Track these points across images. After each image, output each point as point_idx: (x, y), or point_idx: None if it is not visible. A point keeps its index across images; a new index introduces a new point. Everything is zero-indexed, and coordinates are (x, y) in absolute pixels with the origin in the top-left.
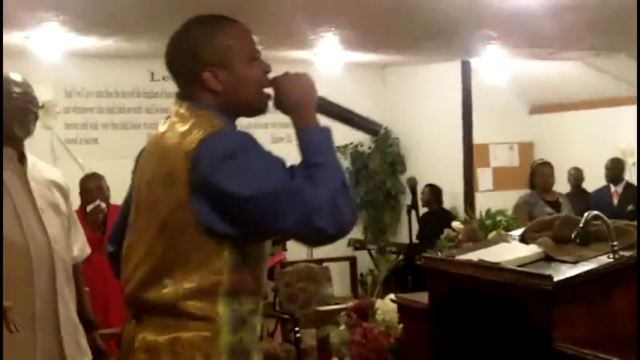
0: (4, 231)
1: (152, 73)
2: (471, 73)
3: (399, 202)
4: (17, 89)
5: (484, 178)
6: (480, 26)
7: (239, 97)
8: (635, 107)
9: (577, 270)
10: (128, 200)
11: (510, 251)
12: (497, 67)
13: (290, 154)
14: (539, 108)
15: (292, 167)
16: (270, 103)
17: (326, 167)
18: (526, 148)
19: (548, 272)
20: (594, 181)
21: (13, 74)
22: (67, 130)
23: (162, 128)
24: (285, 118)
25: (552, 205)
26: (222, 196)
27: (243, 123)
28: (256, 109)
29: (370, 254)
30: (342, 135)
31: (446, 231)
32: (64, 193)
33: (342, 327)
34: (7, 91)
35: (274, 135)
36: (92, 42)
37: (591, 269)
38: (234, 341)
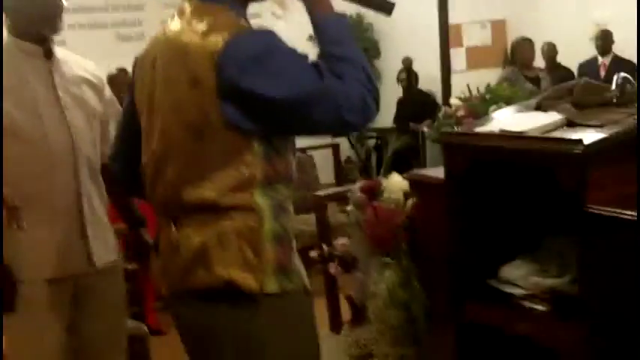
0: (23, 125)
1: None
2: None
3: None
4: None
5: (457, 58)
6: None
7: None
8: None
9: (605, 133)
10: (129, 109)
11: (532, 120)
12: None
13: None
14: None
15: (316, 63)
16: None
17: (349, 60)
18: (499, 27)
19: (576, 137)
20: (569, 55)
21: None
22: None
23: (172, 26)
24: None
25: (532, 81)
26: (252, 99)
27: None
28: None
29: (349, 140)
30: None
31: (444, 108)
32: (97, 89)
33: (350, 207)
34: None
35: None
36: None
37: (620, 131)
38: (277, 227)
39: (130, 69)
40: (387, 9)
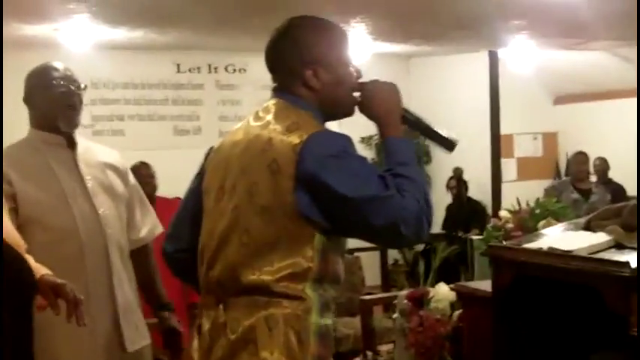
0: (52, 213)
1: (178, 65)
2: (498, 63)
3: None
4: (56, 74)
5: (508, 168)
6: (509, 16)
7: (334, 98)
8: None
9: None
10: (195, 194)
11: (579, 239)
12: (523, 57)
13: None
14: (564, 98)
15: (383, 175)
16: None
17: (412, 180)
18: (550, 139)
19: (624, 259)
20: (619, 171)
21: (53, 63)
22: (93, 121)
23: (255, 121)
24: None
25: (582, 193)
26: (325, 192)
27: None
28: (346, 111)
29: None
30: (368, 126)
31: (493, 220)
32: (122, 174)
33: (396, 314)
34: (47, 81)
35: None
36: (121, 34)
37: None
38: (322, 323)
39: (183, 161)
40: (450, 145)
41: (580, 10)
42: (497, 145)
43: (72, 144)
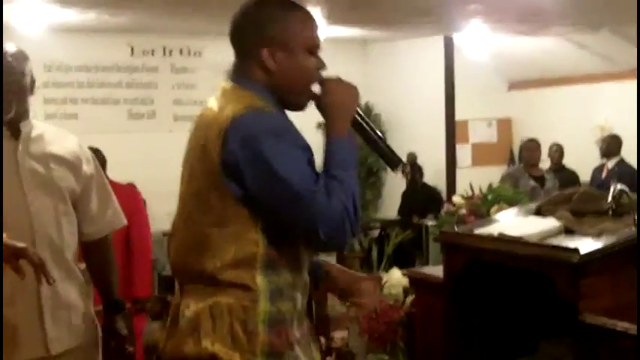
0: None
1: (132, 48)
2: (453, 48)
3: (380, 178)
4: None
5: (463, 154)
6: (465, 1)
7: (289, 83)
8: (614, 84)
9: (601, 242)
10: None
11: (530, 225)
12: (478, 43)
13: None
14: (518, 84)
15: (316, 171)
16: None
17: (344, 184)
18: (504, 125)
19: (573, 245)
20: (572, 156)
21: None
22: (46, 105)
23: (207, 105)
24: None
25: (537, 180)
26: (255, 168)
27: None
28: (299, 101)
29: None
30: None
31: (446, 206)
32: (72, 166)
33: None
34: None
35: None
36: (73, 15)
37: (615, 242)
38: (272, 311)
39: (137, 145)
40: (394, 163)
41: None
42: (452, 131)
43: (16, 134)
